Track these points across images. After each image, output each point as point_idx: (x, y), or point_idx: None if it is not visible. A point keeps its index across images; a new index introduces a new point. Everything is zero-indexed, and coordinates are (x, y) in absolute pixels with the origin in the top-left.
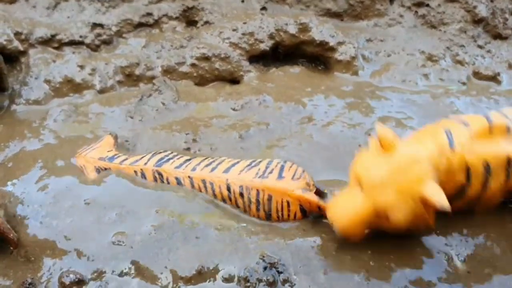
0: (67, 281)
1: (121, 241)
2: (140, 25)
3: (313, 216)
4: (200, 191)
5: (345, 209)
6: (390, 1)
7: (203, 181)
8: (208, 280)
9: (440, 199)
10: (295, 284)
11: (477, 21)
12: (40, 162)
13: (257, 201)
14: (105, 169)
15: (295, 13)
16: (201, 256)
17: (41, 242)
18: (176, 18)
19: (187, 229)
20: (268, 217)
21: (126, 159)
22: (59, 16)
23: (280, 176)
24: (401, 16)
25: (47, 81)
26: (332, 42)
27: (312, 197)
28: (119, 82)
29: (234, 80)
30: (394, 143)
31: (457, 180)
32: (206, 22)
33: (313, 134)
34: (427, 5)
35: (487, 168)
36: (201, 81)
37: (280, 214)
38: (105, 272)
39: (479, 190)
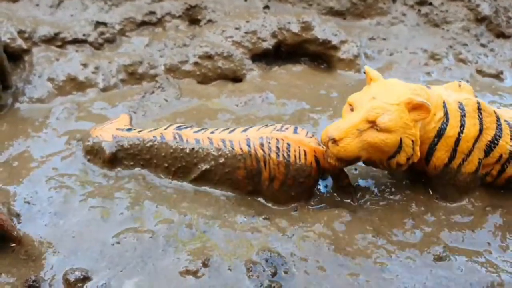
0: (72, 278)
1: (129, 238)
2: (143, 23)
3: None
4: (219, 149)
5: (339, 123)
6: (393, 0)
7: (223, 140)
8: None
9: (421, 98)
10: (295, 274)
11: (480, 19)
12: (45, 161)
13: (277, 148)
14: (123, 137)
15: (298, 11)
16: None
17: (43, 241)
18: (179, 16)
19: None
20: (287, 165)
21: (143, 130)
22: (62, 14)
23: (295, 131)
24: (404, 14)
25: (51, 80)
26: (334, 41)
27: (325, 149)
28: (122, 80)
29: (236, 78)
30: (379, 76)
31: (437, 115)
32: (209, 21)
33: (317, 131)
34: (430, 4)
35: (461, 106)
36: (204, 80)
37: (298, 160)
38: (110, 268)
39: (457, 129)
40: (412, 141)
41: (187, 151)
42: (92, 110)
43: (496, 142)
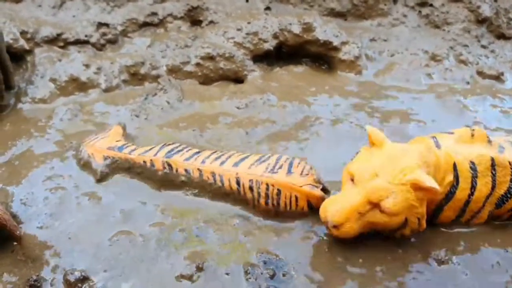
0: (72, 278)
1: (123, 240)
2: (145, 24)
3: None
4: (209, 183)
5: (339, 203)
6: (394, 1)
7: (213, 174)
8: (211, 273)
9: (430, 180)
10: (293, 277)
11: (481, 21)
12: (44, 162)
13: (266, 195)
14: (114, 158)
15: (299, 12)
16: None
17: (42, 242)
18: (181, 17)
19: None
20: (276, 212)
21: (135, 149)
22: (65, 15)
23: (289, 171)
24: (405, 15)
25: (53, 80)
26: (336, 42)
27: (319, 193)
28: (124, 81)
29: (238, 79)
30: (384, 140)
31: (446, 179)
32: (211, 22)
33: (319, 132)
34: (431, 5)
35: (473, 166)
36: (206, 80)
37: (288, 208)
38: (106, 271)
39: (467, 192)
40: (418, 218)
41: (177, 182)
42: (94, 111)
43: (509, 195)
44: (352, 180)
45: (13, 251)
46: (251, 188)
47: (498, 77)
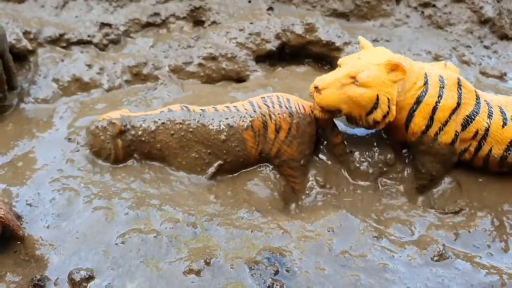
0: (77, 277)
1: (134, 238)
2: (147, 24)
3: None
4: (224, 112)
5: (325, 75)
6: (397, 2)
7: (227, 107)
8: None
9: (400, 60)
10: (296, 273)
11: (484, 21)
12: (49, 163)
13: (279, 101)
14: (130, 116)
15: (302, 13)
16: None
17: (45, 242)
18: (184, 18)
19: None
20: (290, 114)
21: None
22: (67, 15)
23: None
24: (408, 16)
25: (56, 80)
26: (338, 42)
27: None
28: (127, 81)
29: (240, 79)
30: (370, 45)
31: (418, 84)
32: (213, 22)
33: None
34: (434, 6)
35: (441, 79)
36: (208, 81)
37: (299, 110)
38: (113, 269)
39: (435, 99)
40: (388, 99)
41: (195, 117)
42: (97, 111)
43: (473, 117)
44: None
45: (16, 252)
46: (264, 101)
47: (501, 77)
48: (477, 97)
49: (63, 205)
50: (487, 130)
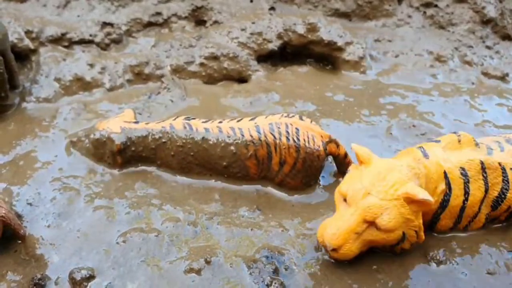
0: (78, 277)
1: (135, 237)
2: (149, 24)
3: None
4: (228, 136)
5: (335, 225)
6: (399, 2)
7: (232, 128)
8: (217, 267)
9: (422, 192)
10: (294, 271)
11: (486, 21)
12: (50, 162)
13: (287, 132)
14: (131, 128)
15: (304, 13)
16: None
17: (45, 241)
18: (185, 17)
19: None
20: (297, 149)
21: (150, 122)
22: (69, 15)
23: (301, 119)
24: (410, 16)
25: (57, 79)
26: (340, 42)
27: (329, 134)
28: (129, 80)
29: (242, 79)
30: (371, 156)
31: (439, 188)
32: (215, 22)
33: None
34: (436, 6)
35: (464, 172)
36: (210, 80)
37: (307, 144)
38: (114, 268)
39: (461, 198)
40: (416, 231)
41: (197, 139)
42: (98, 111)
43: (503, 196)
44: (345, 200)
45: (16, 251)
46: (271, 130)
47: (503, 78)
48: (503, 171)
49: (63, 204)
50: None
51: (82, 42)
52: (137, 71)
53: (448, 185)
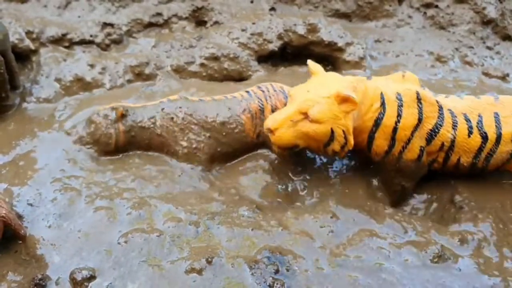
0: (79, 277)
1: (137, 238)
2: (150, 25)
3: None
4: (222, 99)
5: (277, 114)
6: (399, 2)
7: (225, 96)
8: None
9: (351, 92)
10: (296, 272)
11: (486, 22)
12: (50, 162)
13: (272, 86)
14: (121, 105)
15: (304, 13)
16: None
17: (46, 242)
18: (186, 18)
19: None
20: (284, 93)
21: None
22: (70, 15)
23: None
24: (410, 17)
25: (58, 80)
26: (340, 43)
27: None
28: (129, 81)
29: (242, 79)
30: (321, 70)
31: (374, 105)
32: (216, 22)
33: None
34: (436, 6)
35: (399, 97)
36: (210, 81)
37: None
38: (115, 269)
39: (394, 119)
40: (343, 131)
41: (195, 101)
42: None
43: (437, 130)
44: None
45: (17, 251)
46: (259, 87)
47: (503, 78)
48: (440, 108)
49: (64, 205)
50: (453, 141)
51: (83, 42)
52: (138, 72)
53: (383, 105)
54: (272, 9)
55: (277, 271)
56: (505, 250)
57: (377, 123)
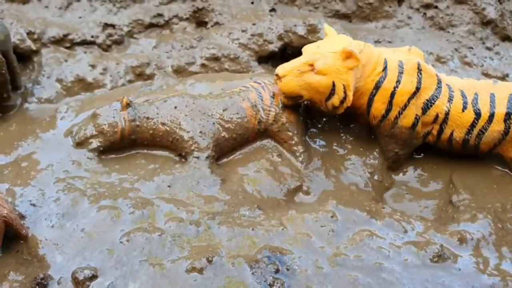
0: (81, 276)
1: (139, 237)
2: (151, 25)
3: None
4: (223, 93)
5: (287, 64)
6: (399, 3)
7: (224, 91)
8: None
9: (355, 50)
10: (296, 271)
11: (486, 23)
12: (53, 163)
13: (269, 79)
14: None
15: (304, 14)
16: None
17: (48, 241)
18: (186, 19)
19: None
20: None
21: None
22: (71, 16)
23: None
24: (410, 17)
25: (59, 80)
26: None
27: None
28: (130, 81)
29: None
30: (334, 32)
31: (377, 69)
32: (216, 23)
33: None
34: (436, 7)
35: (401, 65)
36: None
37: None
38: (117, 268)
39: (393, 84)
40: (344, 85)
41: (194, 95)
42: None
43: (433, 101)
44: None
45: (18, 251)
46: (254, 81)
47: (503, 79)
48: (439, 81)
49: (68, 205)
50: (447, 114)
51: (84, 43)
52: (139, 72)
53: (385, 70)
54: (272, 10)
55: (277, 271)
56: (504, 249)
57: (378, 86)
